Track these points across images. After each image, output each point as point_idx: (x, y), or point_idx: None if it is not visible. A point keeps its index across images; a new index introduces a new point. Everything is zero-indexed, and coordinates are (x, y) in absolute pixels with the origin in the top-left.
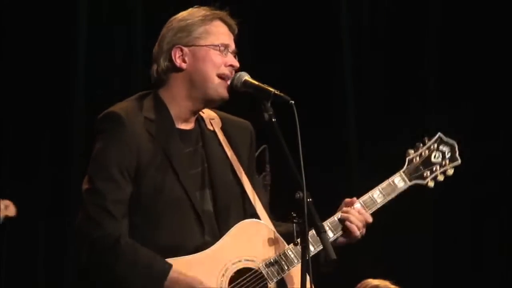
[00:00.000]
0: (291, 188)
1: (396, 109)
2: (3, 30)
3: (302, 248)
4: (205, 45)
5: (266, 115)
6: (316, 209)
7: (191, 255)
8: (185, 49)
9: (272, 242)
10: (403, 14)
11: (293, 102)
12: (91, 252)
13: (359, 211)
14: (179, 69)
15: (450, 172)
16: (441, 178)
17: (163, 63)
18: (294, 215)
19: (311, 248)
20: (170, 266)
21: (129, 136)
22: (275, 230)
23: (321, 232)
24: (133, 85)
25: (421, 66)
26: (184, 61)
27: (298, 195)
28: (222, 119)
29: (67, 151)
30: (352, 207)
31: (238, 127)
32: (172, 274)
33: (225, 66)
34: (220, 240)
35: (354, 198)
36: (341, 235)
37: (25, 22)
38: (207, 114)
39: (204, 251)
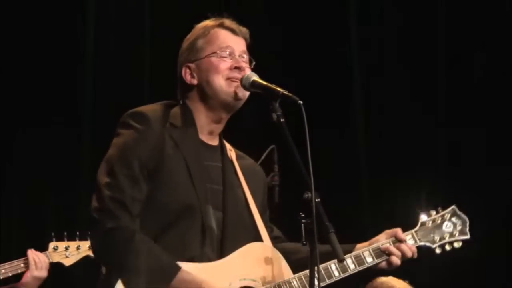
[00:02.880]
0: (299, 188)
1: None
2: (8, 35)
3: (310, 249)
4: (206, 56)
5: (274, 115)
6: (325, 209)
7: (199, 263)
8: (192, 65)
9: (279, 268)
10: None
11: (301, 102)
12: (104, 242)
13: (410, 248)
14: (192, 86)
15: (458, 244)
16: (448, 247)
17: (180, 86)
18: (303, 215)
19: (336, 273)
20: (180, 267)
21: (154, 137)
22: (283, 258)
23: (329, 232)
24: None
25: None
26: (193, 77)
27: (307, 195)
28: (237, 154)
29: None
30: (404, 242)
31: (252, 167)
32: (181, 273)
33: (231, 69)
34: (229, 256)
35: (399, 230)
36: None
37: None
38: (228, 145)
39: (212, 262)
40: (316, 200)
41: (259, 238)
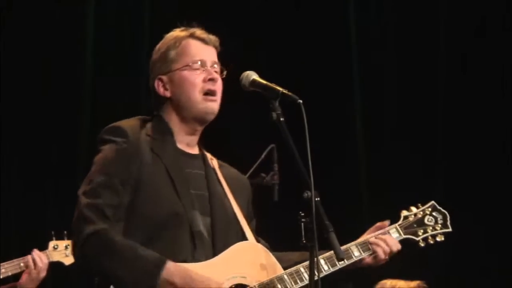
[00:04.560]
0: (299, 187)
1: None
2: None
3: (310, 248)
4: (179, 68)
5: (274, 114)
6: (324, 209)
7: (187, 263)
8: (164, 78)
9: (270, 265)
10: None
11: (301, 101)
12: (84, 250)
13: (392, 240)
14: (165, 99)
15: (441, 238)
16: (431, 241)
17: (153, 98)
18: (302, 214)
19: (325, 267)
20: (166, 258)
21: (133, 150)
22: (272, 255)
23: (328, 232)
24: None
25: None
26: (166, 89)
27: (306, 195)
28: (219, 163)
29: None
30: (387, 233)
31: (235, 176)
32: (169, 264)
33: (205, 81)
34: (218, 255)
35: (386, 223)
36: (368, 256)
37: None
38: (209, 154)
39: (200, 262)
40: (316, 199)
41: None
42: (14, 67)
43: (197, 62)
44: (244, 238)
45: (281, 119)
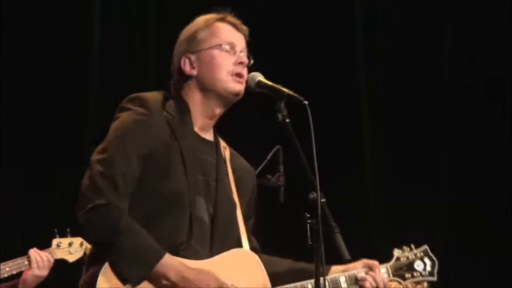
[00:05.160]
0: (305, 188)
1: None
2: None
3: (315, 249)
4: (209, 48)
5: (279, 116)
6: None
7: (185, 259)
8: (192, 56)
9: (260, 279)
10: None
11: (306, 102)
12: (90, 218)
13: (384, 281)
14: (190, 77)
15: (424, 285)
16: (415, 286)
17: (176, 76)
18: (308, 215)
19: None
20: (164, 251)
21: (151, 121)
22: (264, 269)
23: (334, 233)
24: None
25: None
26: (193, 67)
27: (312, 196)
28: (231, 153)
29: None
30: (377, 271)
31: (243, 168)
32: (166, 258)
33: (234, 64)
34: (212, 258)
35: (376, 263)
36: None
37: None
38: (223, 142)
39: (198, 261)
40: (322, 200)
41: (240, 242)
42: (15, 64)
43: (228, 44)
44: (238, 235)
45: (287, 120)
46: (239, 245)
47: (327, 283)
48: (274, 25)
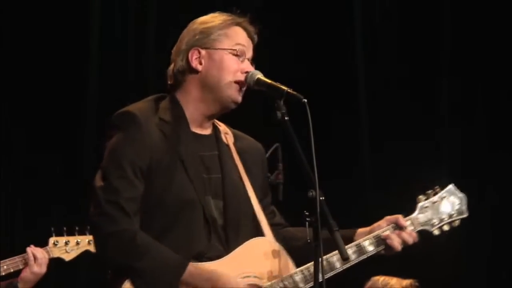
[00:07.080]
0: (304, 186)
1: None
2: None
3: (314, 247)
4: (222, 48)
5: (279, 114)
6: (329, 207)
7: (204, 263)
8: (202, 51)
9: (281, 263)
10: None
11: (306, 100)
12: (107, 246)
13: (411, 235)
14: (194, 71)
15: (456, 223)
16: (446, 228)
17: (180, 63)
18: (307, 213)
19: (338, 265)
20: (187, 261)
21: (143, 135)
22: (285, 252)
23: (333, 231)
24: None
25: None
26: (200, 62)
27: (311, 194)
28: (234, 136)
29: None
30: (404, 229)
31: (249, 147)
32: (190, 267)
33: (241, 72)
34: (232, 252)
35: (399, 217)
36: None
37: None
38: (223, 127)
39: (214, 261)
40: (321, 198)
41: (258, 226)
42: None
43: (240, 51)
44: (256, 222)
45: (286, 118)
46: (258, 231)
47: (353, 252)
48: (274, 22)
